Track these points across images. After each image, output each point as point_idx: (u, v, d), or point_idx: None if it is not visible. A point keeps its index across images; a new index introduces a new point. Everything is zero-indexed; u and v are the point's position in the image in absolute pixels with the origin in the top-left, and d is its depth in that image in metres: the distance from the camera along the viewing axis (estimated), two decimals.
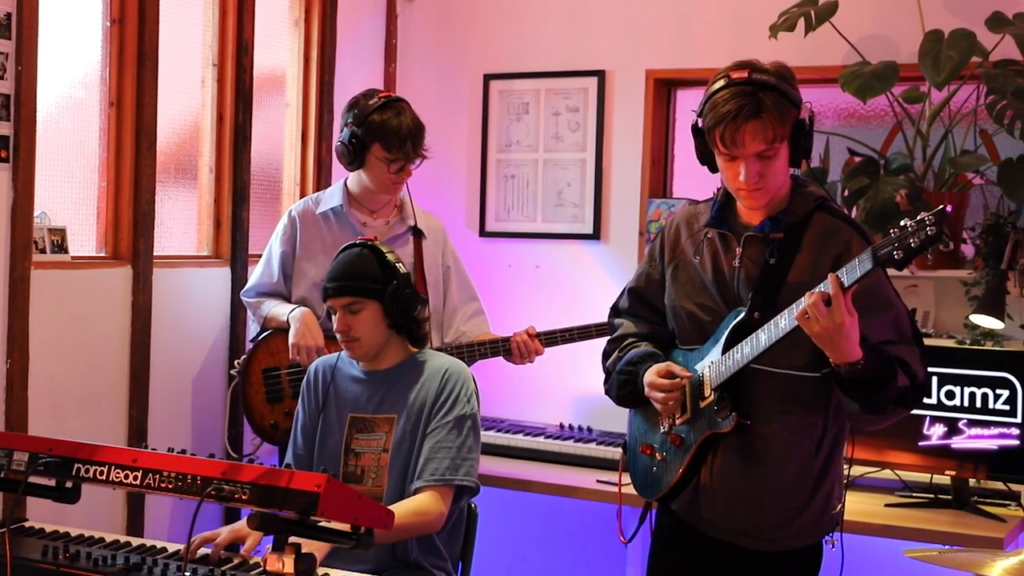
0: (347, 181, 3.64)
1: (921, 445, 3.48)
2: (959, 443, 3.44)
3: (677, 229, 2.70)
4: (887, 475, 3.59)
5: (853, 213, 3.63)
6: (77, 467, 2.20)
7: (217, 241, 4.01)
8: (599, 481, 3.63)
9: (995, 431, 3.39)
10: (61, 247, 3.38)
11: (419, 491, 2.82)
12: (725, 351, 2.49)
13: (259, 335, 3.62)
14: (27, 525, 2.61)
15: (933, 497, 3.48)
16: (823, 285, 2.30)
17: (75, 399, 3.42)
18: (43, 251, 3.31)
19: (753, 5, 4.09)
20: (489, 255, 4.56)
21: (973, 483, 3.47)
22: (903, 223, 2.19)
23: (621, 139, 4.36)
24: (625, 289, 2.83)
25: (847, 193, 3.71)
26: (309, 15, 4.37)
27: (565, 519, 4.29)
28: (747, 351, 2.43)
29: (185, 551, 2.32)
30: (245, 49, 3.99)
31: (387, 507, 2.19)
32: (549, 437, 4.00)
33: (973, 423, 3.42)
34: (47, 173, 3.37)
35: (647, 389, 2.60)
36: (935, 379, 3.46)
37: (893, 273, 2.34)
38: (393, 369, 2.98)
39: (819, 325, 2.28)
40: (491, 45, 4.59)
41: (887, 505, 3.44)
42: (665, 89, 4.38)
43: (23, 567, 2.34)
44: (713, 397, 2.52)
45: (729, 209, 2.62)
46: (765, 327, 2.40)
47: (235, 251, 4.00)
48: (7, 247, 3.15)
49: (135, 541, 2.53)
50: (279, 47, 4.30)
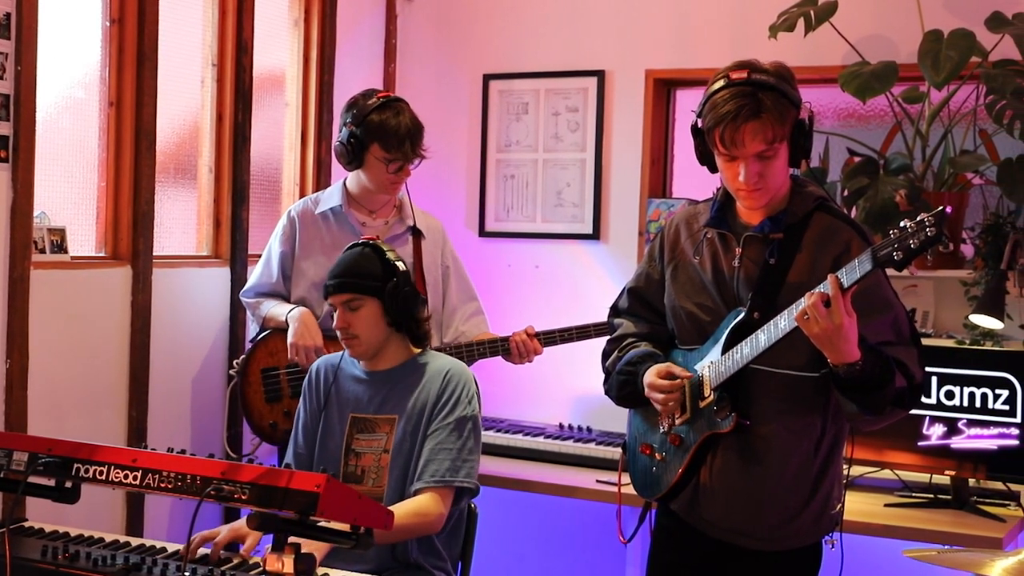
0: (346, 181, 3.64)
1: (921, 445, 3.48)
2: (958, 443, 3.44)
3: (677, 229, 2.70)
4: (887, 475, 3.59)
5: (853, 213, 3.63)
6: (77, 467, 2.20)
7: (217, 241, 4.01)
8: (599, 481, 3.63)
9: (994, 431, 3.39)
10: (61, 247, 3.38)
11: (419, 492, 2.82)
12: (725, 351, 2.49)
13: (258, 335, 3.62)
14: (27, 525, 2.61)
15: (933, 497, 3.48)
16: (823, 286, 2.30)
17: (74, 399, 3.42)
18: (43, 251, 3.31)
19: (753, 5, 4.09)
20: (489, 255, 4.56)
21: (973, 483, 3.47)
22: (903, 224, 2.19)
23: (621, 139, 4.36)
24: (625, 289, 2.83)
25: (847, 193, 3.71)
26: (309, 15, 4.37)
27: (565, 519, 4.29)
28: (747, 351, 2.43)
29: (185, 550, 2.32)
30: (245, 49, 3.99)
31: (387, 507, 2.20)
32: (549, 437, 4.00)
33: (972, 423, 3.42)
34: (47, 173, 3.37)
35: (647, 390, 2.60)
36: (935, 379, 3.46)
37: (892, 273, 2.33)
38: (395, 370, 2.98)
39: (818, 326, 2.28)
40: (491, 45, 4.59)
41: (887, 505, 3.44)
42: (665, 89, 4.38)
43: (23, 567, 2.34)
44: (713, 397, 2.52)
45: (729, 209, 2.61)
46: (765, 327, 2.40)
47: (235, 251, 4.00)
48: (7, 247, 3.15)
49: (134, 541, 2.53)
50: (279, 47, 4.30)
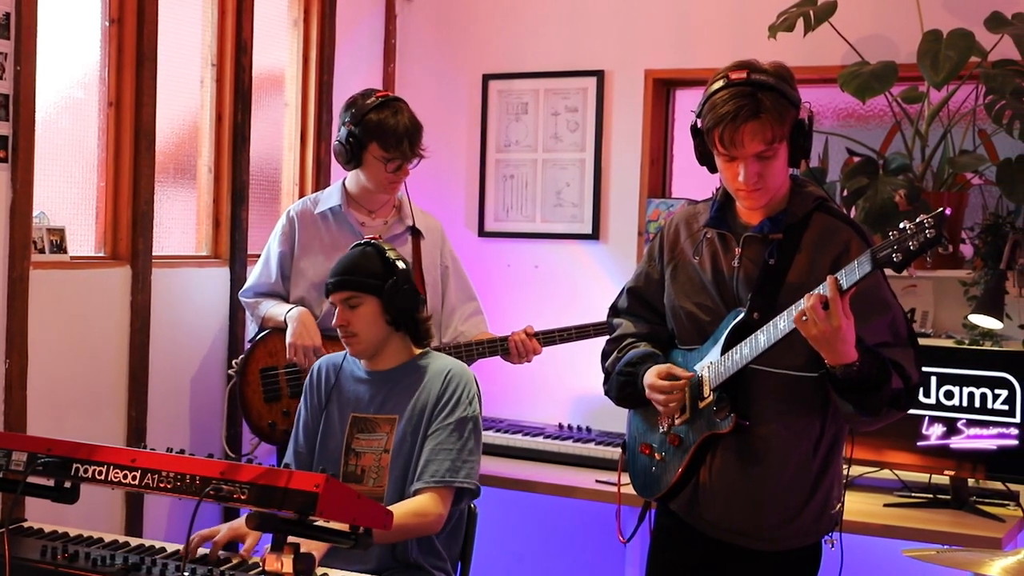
0: (345, 181, 3.64)
1: (920, 445, 3.48)
2: (958, 443, 3.44)
3: (676, 229, 2.70)
4: (886, 475, 3.59)
5: (852, 213, 3.63)
6: (76, 467, 2.20)
7: (216, 241, 4.01)
8: (598, 481, 3.63)
9: (994, 431, 3.39)
10: (60, 247, 3.37)
11: (419, 492, 2.81)
12: (724, 352, 2.49)
13: (257, 335, 3.62)
14: (26, 525, 2.60)
15: (932, 497, 3.48)
16: (821, 288, 2.30)
17: (74, 399, 3.42)
18: (42, 251, 3.31)
19: (752, 5, 4.09)
20: (488, 255, 4.56)
21: (972, 483, 3.47)
22: (902, 225, 2.19)
23: (620, 139, 4.36)
24: (624, 289, 2.83)
25: (846, 193, 3.71)
26: (308, 15, 4.36)
27: (564, 519, 4.29)
28: (746, 352, 2.43)
29: (184, 550, 2.32)
30: (244, 49, 3.99)
31: (386, 507, 2.19)
32: (548, 437, 4.00)
33: (972, 423, 3.42)
34: (46, 173, 3.36)
35: (648, 391, 2.60)
36: (934, 379, 3.46)
37: (891, 273, 2.33)
38: (396, 369, 2.98)
39: (816, 328, 2.28)
40: (490, 45, 4.59)
41: (886, 505, 3.44)
42: (664, 89, 4.37)
43: (22, 567, 2.34)
44: (712, 398, 2.52)
45: (728, 209, 2.61)
46: (764, 328, 2.40)
47: (234, 251, 4.00)
48: (6, 247, 3.15)
49: (134, 541, 2.53)
50: (278, 47, 4.30)
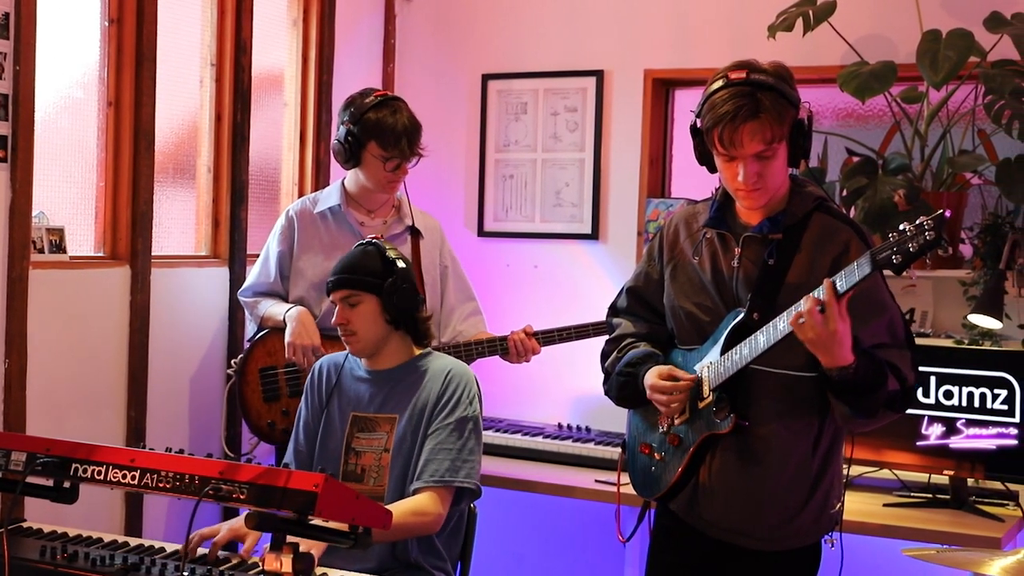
0: (344, 181, 3.64)
1: (919, 445, 3.48)
2: (957, 443, 3.44)
3: (676, 229, 2.70)
4: (885, 475, 3.59)
5: (851, 213, 3.63)
6: (75, 467, 2.20)
7: (215, 241, 4.01)
8: (597, 481, 3.62)
9: (993, 431, 3.39)
10: (59, 247, 3.37)
11: (418, 491, 2.81)
12: (724, 352, 2.49)
13: (256, 334, 3.61)
14: (25, 525, 2.60)
15: (931, 497, 3.48)
16: (818, 292, 2.30)
17: (73, 399, 3.42)
18: (41, 251, 3.30)
19: (751, 5, 4.09)
20: (487, 255, 4.56)
21: (971, 483, 3.47)
22: (902, 227, 2.19)
23: (619, 139, 4.36)
24: (624, 288, 2.82)
25: (845, 193, 3.71)
26: (307, 15, 4.36)
27: (563, 519, 4.29)
28: (746, 352, 2.43)
29: (184, 548, 2.32)
30: (243, 49, 3.99)
31: (385, 507, 2.19)
32: (548, 437, 4.00)
33: (971, 423, 3.42)
34: (45, 173, 3.36)
35: (649, 391, 2.60)
36: (933, 379, 3.46)
37: (890, 273, 2.33)
38: (396, 369, 2.98)
39: (813, 331, 2.29)
40: (489, 45, 4.59)
41: (885, 505, 3.44)
42: (663, 89, 4.37)
43: (21, 567, 2.34)
44: (712, 398, 2.52)
45: (728, 209, 2.61)
46: (764, 329, 2.40)
47: (233, 251, 3.99)
48: (5, 247, 3.15)
49: (133, 541, 2.52)
50: (277, 47, 4.30)
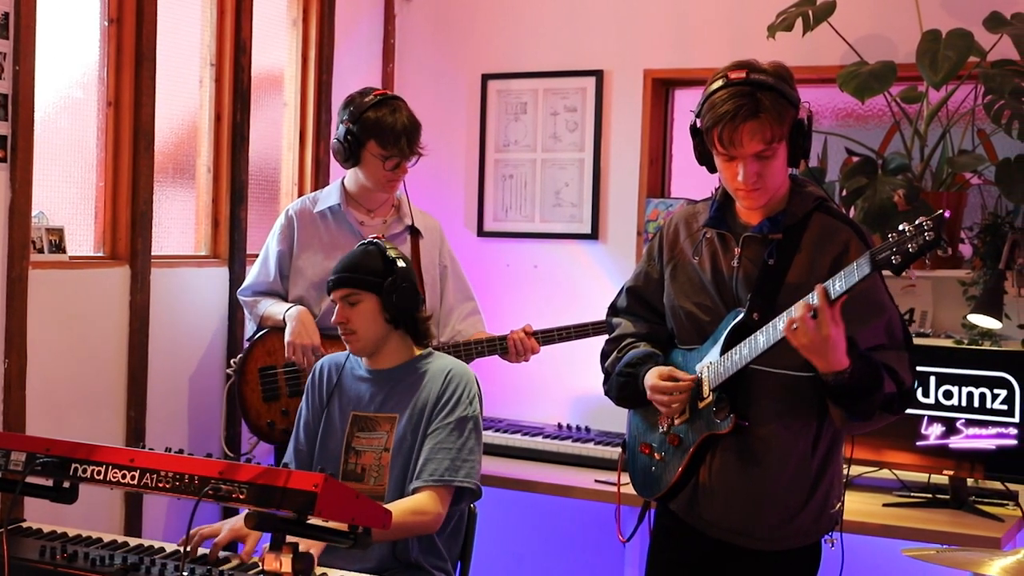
0: (344, 180, 3.64)
1: (919, 445, 3.48)
2: (957, 443, 3.44)
3: (676, 228, 2.70)
4: (885, 475, 3.59)
5: (851, 213, 3.63)
6: (75, 467, 2.20)
7: (215, 241, 4.01)
8: (597, 481, 3.62)
9: (993, 431, 3.39)
10: (59, 247, 3.37)
11: (418, 491, 2.81)
12: (724, 352, 2.49)
13: (255, 334, 3.61)
14: (24, 525, 2.60)
15: (931, 497, 3.48)
16: (810, 297, 2.30)
17: (73, 399, 3.42)
18: (41, 251, 3.30)
19: (751, 5, 4.09)
20: (487, 255, 4.56)
21: (971, 483, 3.47)
22: (901, 227, 2.19)
23: (619, 139, 4.36)
24: (624, 288, 2.82)
25: (845, 193, 3.71)
26: (307, 15, 4.36)
27: (563, 519, 4.29)
28: (745, 352, 2.43)
29: (184, 542, 2.31)
30: (243, 49, 3.99)
31: (385, 507, 2.19)
32: (547, 437, 4.00)
33: (971, 423, 3.42)
34: (45, 173, 3.36)
35: (649, 392, 2.60)
36: (933, 379, 3.46)
37: (889, 273, 2.33)
38: (397, 368, 2.98)
39: (807, 337, 2.29)
40: (489, 45, 4.59)
41: (885, 505, 3.44)
42: (663, 89, 4.37)
43: (21, 567, 2.34)
44: (711, 398, 2.52)
45: (728, 209, 2.61)
46: (763, 329, 2.40)
47: (233, 251, 3.99)
48: (5, 247, 3.15)
49: (133, 541, 2.52)
50: (277, 47, 4.30)
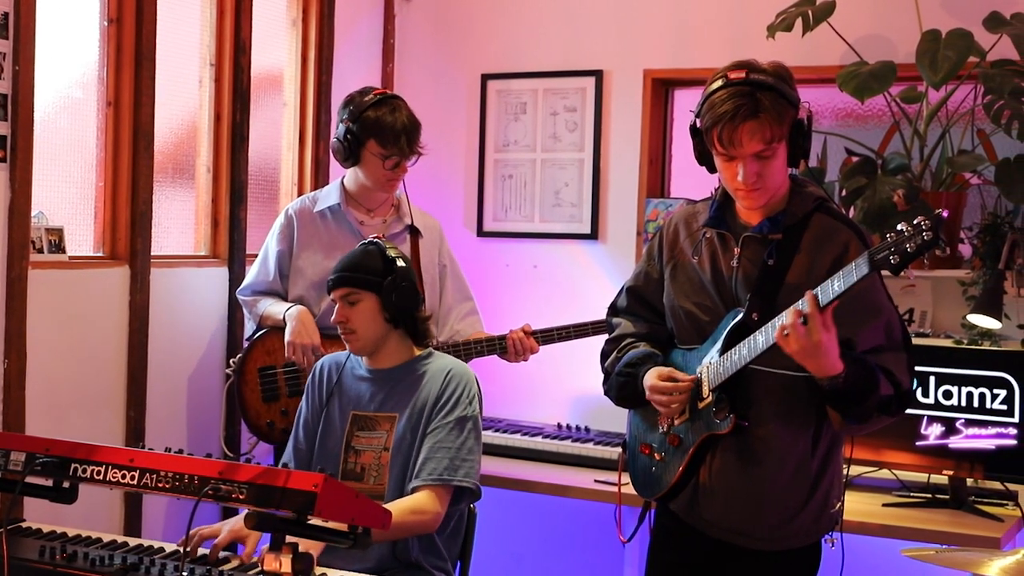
0: (344, 180, 3.64)
1: (919, 445, 3.48)
2: (956, 443, 3.44)
3: (676, 228, 2.70)
4: (885, 475, 3.59)
5: (850, 213, 3.63)
6: (74, 467, 2.20)
7: (215, 241, 4.01)
8: (597, 481, 3.62)
9: (992, 431, 3.39)
10: (58, 247, 3.37)
11: (416, 490, 2.81)
12: (723, 352, 2.49)
13: (254, 333, 3.61)
14: (24, 525, 2.60)
15: (931, 497, 3.48)
16: (800, 303, 2.30)
17: (73, 399, 3.42)
18: (40, 251, 3.30)
19: (751, 5, 4.09)
20: (487, 255, 4.56)
21: (970, 483, 3.47)
22: (899, 227, 2.19)
23: (619, 139, 4.36)
24: (624, 288, 2.82)
25: (844, 193, 3.71)
26: (307, 15, 4.36)
27: (563, 519, 4.29)
28: (745, 353, 2.43)
29: (184, 543, 2.31)
30: (243, 49, 3.99)
31: (385, 507, 2.19)
32: (547, 437, 4.00)
33: (970, 423, 3.42)
34: (44, 173, 3.36)
35: (648, 392, 2.60)
36: (932, 379, 3.46)
37: (888, 273, 2.33)
38: (397, 368, 2.98)
39: (797, 344, 2.29)
40: (489, 45, 4.59)
41: (885, 505, 3.44)
42: (663, 89, 4.37)
43: (20, 567, 2.34)
44: (711, 398, 2.52)
45: (728, 209, 2.61)
46: (763, 329, 2.40)
47: (232, 251, 3.99)
48: (4, 247, 3.15)
49: (132, 541, 2.52)
50: (277, 47, 4.30)
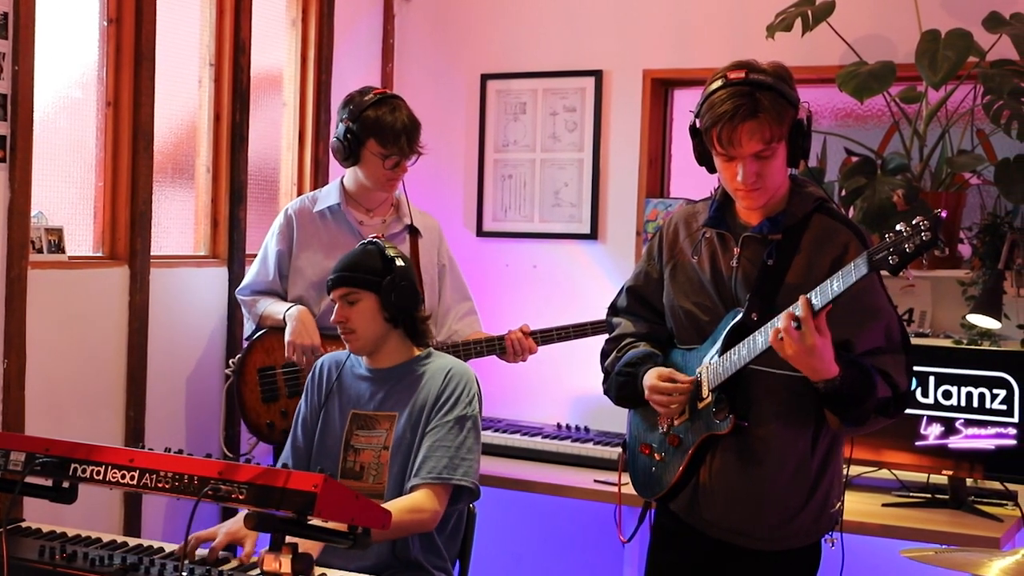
0: (344, 179, 3.64)
1: (918, 445, 3.48)
2: (956, 443, 3.44)
3: (675, 228, 2.70)
4: (884, 475, 3.59)
5: (850, 213, 3.63)
6: (74, 467, 2.20)
7: (214, 241, 4.01)
8: (596, 481, 3.62)
9: (992, 431, 3.39)
10: (58, 247, 3.37)
11: (415, 488, 2.81)
12: (723, 352, 2.49)
13: (254, 333, 3.61)
14: (24, 525, 2.60)
15: (930, 497, 3.48)
16: (794, 307, 2.30)
17: (72, 399, 3.42)
18: (40, 251, 3.30)
19: (750, 5, 4.09)
20: (486, 255, 4.56)
21: (970, 483, 3.47)
22: (898, 228, 2.19)
23: (618, 139, 4.36)
24: (624, 288, 2.82)
25: (844, 193, 3.72)
26: (306, 15, 4.36)
27: (562, 519, 4.29)
28: (744, 353, 2.43)
29: (181, 549, 2.32)
30: (242, 49, 3.99)
31: (385, 507, 2.19)
32: (546, 437, 4.00)
33: (970, 423, 3.42)
34: (44, 173, 3.36)
35: (648, 392, 2.60)
36: (932, 379, 3.46)
37: (887, 273, 2.33)
38: (397, 367, 2.98)
39: (791, 348, 2.29)
40: (488, 45, 4.59)
41: (884, 505, 3.44)
42: (662, 89, 4.37)
43: (20, 567, 2.34)
44: (711, 398, 2.52)
45: (727, 209, 2.61)
46: (762, 330, 2.40)
47: (232, 251, 3.99)
48: (4, 247, 3.15)
49: (132, 541, 2.52)
50: (276, 47, 4.30)
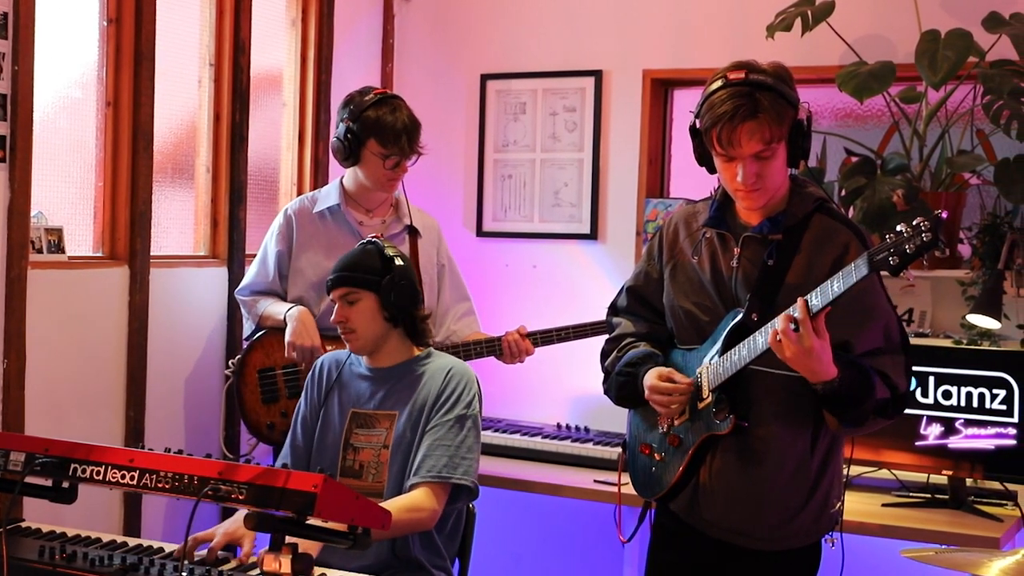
0: (343, 179, 3.64)
1: (918, 445, 3.48)
2: (956, 443, 3.44)
3: (675, 228, 2.70)
4: (884, 475, 3.59)
5: (850, 213, 3.63)
6: (74, 467, 2.20)
7: (214, 241, 4.01)
8: (596, 481, 3.62)
9: (992, 431, 3.39)
10: (58, 247, 3.37)
11: (414, 487, 2.81)
12: (723, 352, 2.49)
13: (253, 334, 3.61)
14: (23, 525, 2.60)
15: (930, 497, 3.48)
16: (792, 309, 2.30)
17: (72, 399, 3.42)
18: (40, 251, 3.30)
19: (750, 5, 4.09)
20: (486, 255, 4.56)
21: (970, 483, 3.47)
22: (898, 228, 2.19)
23: (618, 139, 4.36)
24: (624, 288, 2.82)
25: (844, 193, 3.72)
26: (306, 15, 4.36)
27: (562, 519, 4.29)
28: (744, 353, 2.43)
29: (181, 551, 2.32)
30: (242, 49, 3.99)
31: (384, 507, 2.19)
32: (546, 437, 4.00)
33: (970, 423, 3.42)
34: (44, 173, 3.36)
35: (648, 392, 2.60)
36: (932, 379, 3.46)
37: (887, 274, 2.33)
38: (397, 367, 2.98)
39: (789, 350, 2.29)
40: (488, 45, 4.59)
41: (884, 505, 3.44)
42: (662, 89, 4.38)
43: (20, 567, 2.34)
44: (711, 399, 2.52)
45: (727, 209, 2.61)
46: (762, 330, 2.39)
47: (232, 251, 3.99)
48: (4, 247, 3.15)
49: (132, 541, 2.52)
50: (276, 47, 4.30)
